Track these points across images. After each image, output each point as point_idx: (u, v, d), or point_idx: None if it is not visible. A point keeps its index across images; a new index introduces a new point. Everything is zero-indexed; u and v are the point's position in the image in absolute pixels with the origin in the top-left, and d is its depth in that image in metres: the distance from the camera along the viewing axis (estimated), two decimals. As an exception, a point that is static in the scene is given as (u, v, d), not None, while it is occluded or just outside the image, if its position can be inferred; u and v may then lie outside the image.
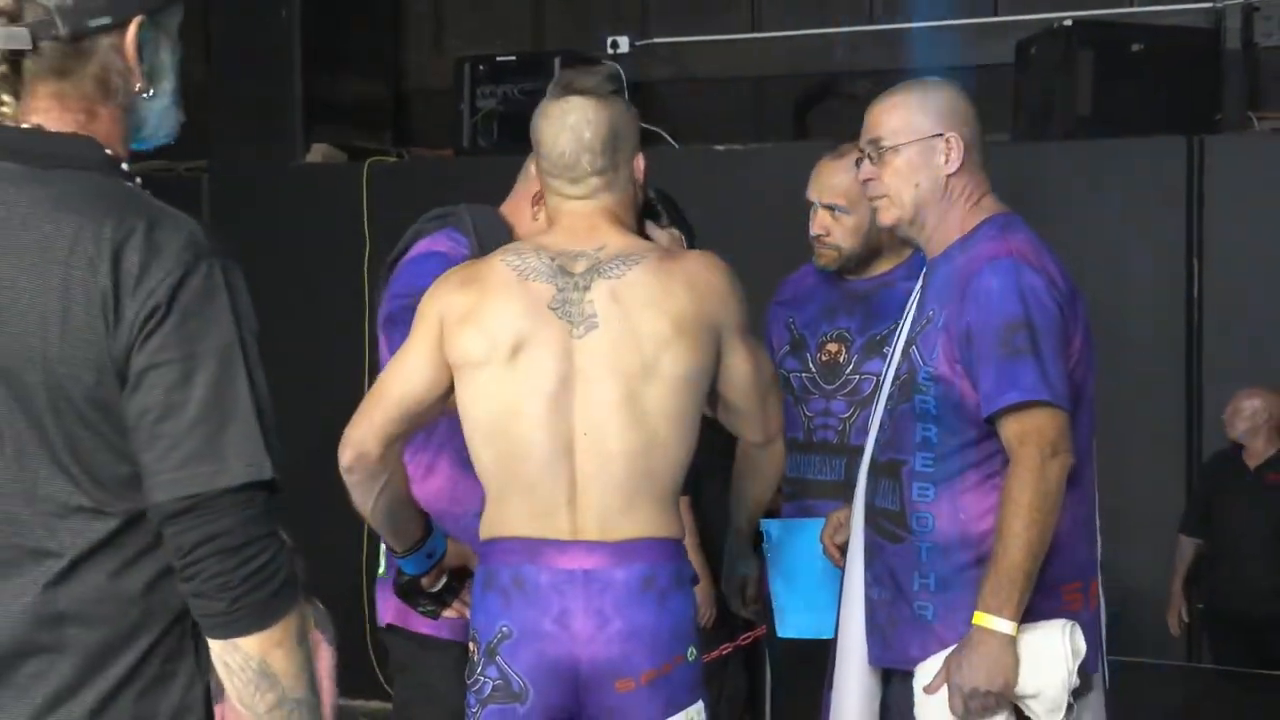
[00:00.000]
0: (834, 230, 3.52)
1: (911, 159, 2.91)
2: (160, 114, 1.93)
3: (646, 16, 6.82)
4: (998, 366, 2.77)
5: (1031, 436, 2.75)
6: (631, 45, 6.70)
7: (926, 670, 2.85)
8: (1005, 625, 2.75)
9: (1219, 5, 5.98)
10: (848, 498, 3.12)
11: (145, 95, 1.89)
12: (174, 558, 1.75)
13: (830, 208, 3.51)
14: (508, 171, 3.60)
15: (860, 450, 3.03)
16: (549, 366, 2.65)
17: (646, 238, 2.89)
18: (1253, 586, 5.48)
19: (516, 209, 3.23)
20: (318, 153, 6.63)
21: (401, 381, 2.71)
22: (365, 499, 2.71)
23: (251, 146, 6.36)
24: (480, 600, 2.71)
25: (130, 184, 1.85)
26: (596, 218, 2.75)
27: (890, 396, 2.94)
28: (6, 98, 1.83)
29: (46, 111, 1.84)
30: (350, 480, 2.69)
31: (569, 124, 2.76)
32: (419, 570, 2.84)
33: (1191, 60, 5.79)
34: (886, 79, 6.21)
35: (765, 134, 6.60)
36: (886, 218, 2.96)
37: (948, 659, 2.80)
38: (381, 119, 7.03)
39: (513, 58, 6.41)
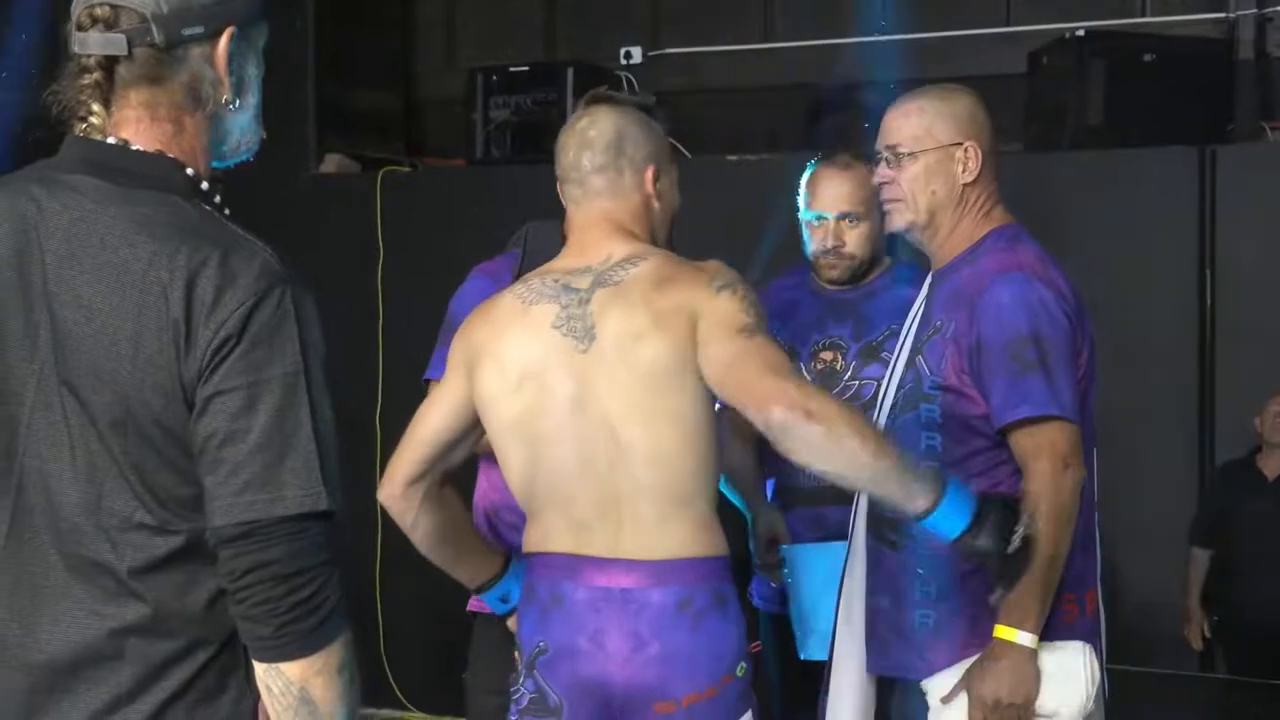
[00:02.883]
0: (849, 239, 3.53)
1: (930, 165, 2.92)
2: (244, 128, 1.97)
3: (659, 27, 6.83)
4: (1008, 380, 2.78)
5: (1045, 450, 2.76)
6: (644, 55, 6.73)
7: (937, 684, 2.85)
8: (1026, 638, 2.77)
9: (1231, 16, 5.98)
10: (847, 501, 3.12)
11: (232, 107, 1.93)
12: (226, 581, 1.78)
13: (846, 216, 3.52)
14: (520, 181, 3.63)
15: None
16: (560, 386, 2.62)
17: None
18: (1270, 596, 5.46)
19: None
20: (331, 163, 6.65)
21: (424, 424, 2.73)
22: (412, 534, 2.77)
23: (264, 156, 6.38)
24: (522, 612, 2.73)
25: (208, 207, 1.88)
26: (602, 229, 2.72)
27: (894, 405, 2.94)
28: (96, 107, 1.87)
29: (137, 121, 1.88)
30: (394, 516, 2.77)
31: (577, 128, 2.76)
32: (497, 612, 2.89)
33: (1204, 71, 5.78)
34: (898, 89, 6.24)
35: (777, 144, 6.61)
36: (900, 221, 2.97)
37: (968, 670, 2.81)
38: (394, 129, 7.05)
39: (525, 68, 6.43)
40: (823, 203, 3.54)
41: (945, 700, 2.83)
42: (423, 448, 2.72)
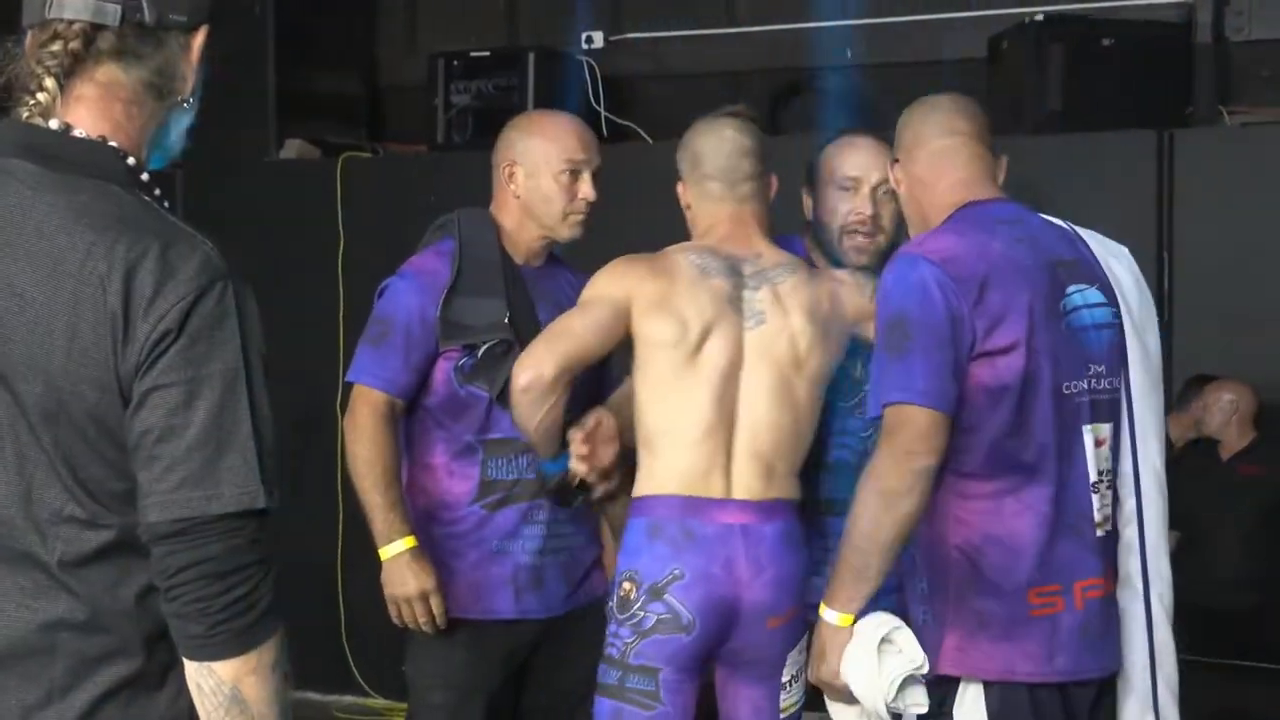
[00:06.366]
0: (885, 212, 3.32)
1: (905, 181, 3.06)
2: (183, 130, 1.94)
3: (620, 11, 6.82)
4: (877, 368, 2.80)
5: (891, 433, 2.74)
6: (605, 40, 6.71)
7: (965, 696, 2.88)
8: (831, 615, 2.82)
9: (1190, 0, 6.01)
10: None
11: (185, 105, 1.90)
12: (159, 578, 1.75)
13: (882, 186, 3.29)
14: (482, 167, 3.62)
15: None
16: (724, 351, 3.10)
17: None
18: (1225, 578, 5.50)
19: (502, 208, 3.49)
20: (292, 148, 6.62)
21: (586, 326, 3.11)
22: (531, 416, 3.11)
23: (225, 142, 6.36)
24: (647, 547, 3.08)
25: (148, 198, 1.84)
26: (750, 225, 3.22)
27: None
28: (49, 83, 1.81)
29: (94, 100, 1.83)
30: (524, 399, 3.09)
31: (728, 136, 3.22)
32: (559, 469, 3.24)
33: (1162, 55, 5.81)
34: (861, 74, 6.25)
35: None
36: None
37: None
38: (355, 114, 7.02)
39: (487, 53, 6.41)
40: (859, 166, 3.33)
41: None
42: (573, 352, 3.09)
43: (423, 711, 3.46)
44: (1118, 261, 3.03)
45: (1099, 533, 2.86)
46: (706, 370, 3.10)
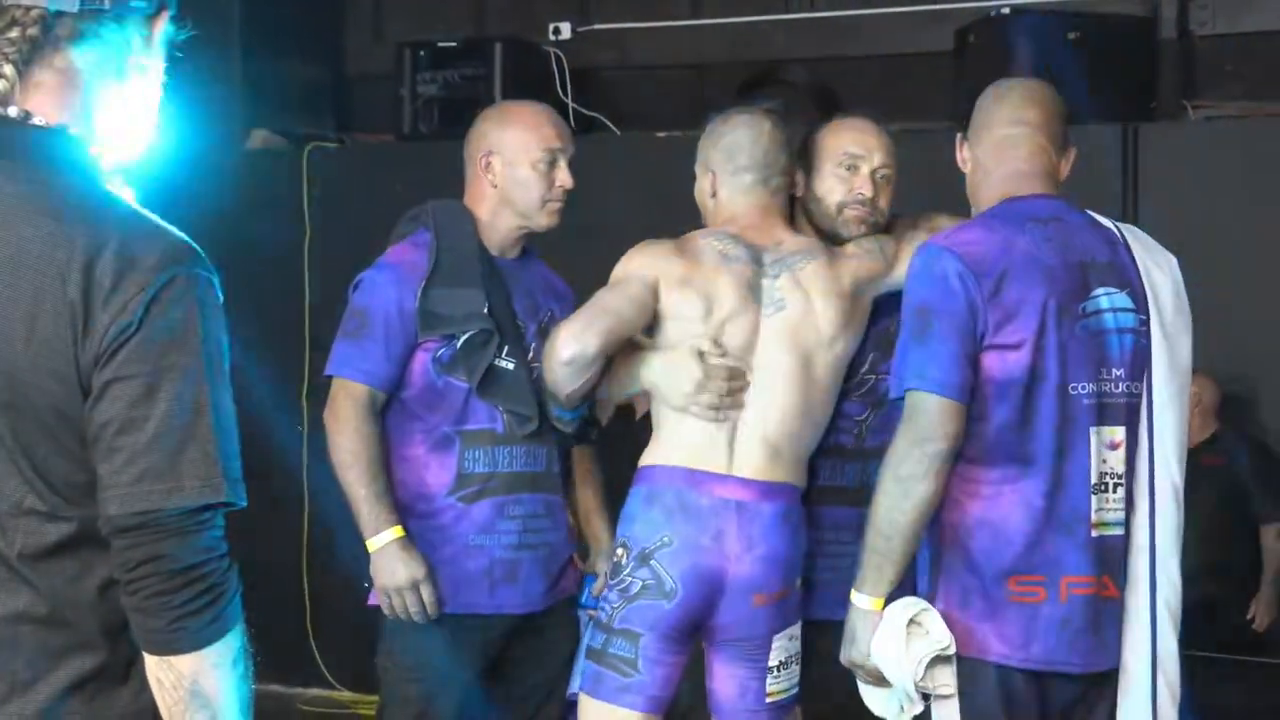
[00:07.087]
0: (883, 196, 3.37)
1: (971, 162, 3.11)
2: (149, 117, 1.91)
3: (588, 3, 6.81)
4: (899, 354, 2.88)
5: (909, 419, 2.83)
6: (573, 31, 6.70)
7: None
8: (861, 599, 2.88)
9: (1155, -6, 6.04)
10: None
11: (149, 91, 1.88)
12: (119, 571, 1.73)
13: (880, 170, 3.34)
14: (449, 157, 3.61)
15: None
16: (740, 334, 3.17)
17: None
18: (1187, 569, 5.51)
19: (477, 199, 3.47)
20: (258, 138, 6.59)
21: (625, 303, 3.15)
22: (567, 385, 3.15)
23: (191, 131, 6.29)
24: (642, 513, 3.15)
25: (110, 187, 1.81)
26: (773, 216, 3.29)
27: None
28: (8, 70, 1.79)
29: (53, 88, 1.80)
30: (565, 370, 3.12)
31: (766, 130, 3.29)
32: (577, 416, 3.32)
33: (1127, 49, 5.83)
34: (827, 66, 6.26)
35: (705, 120, 6.59)
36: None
37: None
38: (322, 104, 6.99)
39: (454, 43, 6.39)
40: (862, 145, 3.34)
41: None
42: (615, 327, 3.12)
43: (396, 703, 3.45)
44: (1159, 268, 3.03)
45: (1095, 534, 2.91)
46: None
